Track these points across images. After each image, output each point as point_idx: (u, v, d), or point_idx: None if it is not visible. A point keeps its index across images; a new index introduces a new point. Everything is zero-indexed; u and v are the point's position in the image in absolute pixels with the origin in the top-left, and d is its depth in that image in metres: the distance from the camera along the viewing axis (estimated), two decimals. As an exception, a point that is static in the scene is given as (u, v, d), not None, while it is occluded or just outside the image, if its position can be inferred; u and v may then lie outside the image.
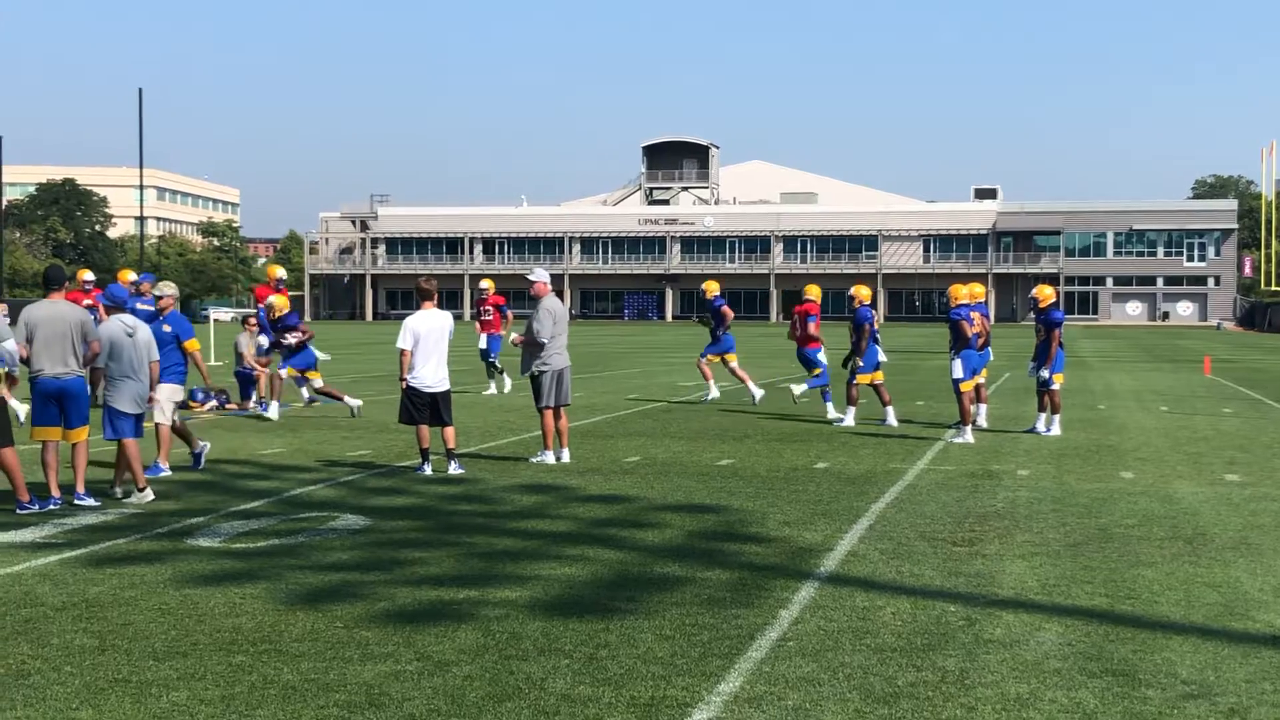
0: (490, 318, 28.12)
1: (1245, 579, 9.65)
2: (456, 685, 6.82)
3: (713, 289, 25.36)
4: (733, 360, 25.00)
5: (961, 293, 19.36)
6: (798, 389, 22.35)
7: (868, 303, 21.25)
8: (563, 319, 16.02)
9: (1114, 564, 10.11)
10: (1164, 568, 9.99)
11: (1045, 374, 19.79)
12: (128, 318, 13.45)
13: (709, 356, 25.16)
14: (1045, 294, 20.33)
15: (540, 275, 16.22)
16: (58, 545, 10.63)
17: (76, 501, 12.66)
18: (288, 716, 6.31)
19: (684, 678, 6.98)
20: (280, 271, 24.77)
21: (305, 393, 23.04)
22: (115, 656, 7.34)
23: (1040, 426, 19.97)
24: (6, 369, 12.62)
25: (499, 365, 27.98)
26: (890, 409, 21.29)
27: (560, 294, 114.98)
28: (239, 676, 6.96)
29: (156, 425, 14.84)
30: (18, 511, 12.09)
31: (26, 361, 12.72)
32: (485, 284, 29.63)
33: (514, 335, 16.71)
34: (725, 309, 24.88)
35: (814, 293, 22.56)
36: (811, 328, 22.16)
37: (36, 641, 7.65)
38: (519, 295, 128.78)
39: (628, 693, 6.71)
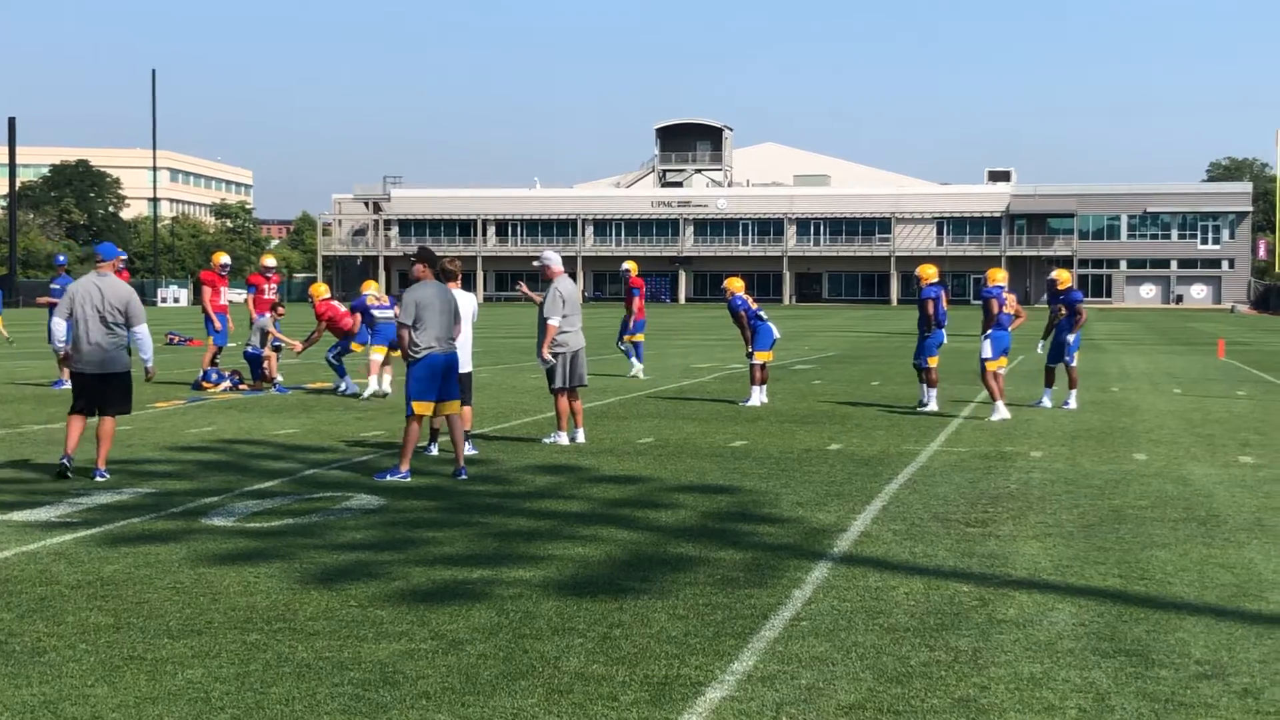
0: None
1: (1259, 560, 9.64)
2: (470, 664, 6.83)
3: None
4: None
5: (998, 275, 21.23)
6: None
7: (739, 292, 21.76)
8: (573, 301, 16.01)
9: (1127, 545, 10.11)
10: (1177, 549, 9.98)
11: (1071, 338, 21.36)
12: None
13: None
14: (1064, 278, 21.99)
15: (550, 259, 16.20)
16: (73, 524, 10.67)
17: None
18: (302, 694, 6.33)
19: (697, 656, 6.99)
20: (270, 260, 25.35)
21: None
22: (130, 634, 7.37)
23: (1072, 402, 21.19)
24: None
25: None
26: (763, 388, 21.52)
27: (573, 276, 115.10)
28: (253, 655, 6.98)
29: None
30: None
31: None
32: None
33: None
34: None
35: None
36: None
37: (52, 619, 7.68)
38: (532, 276, 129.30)
39: (641, 671, 6.73)
